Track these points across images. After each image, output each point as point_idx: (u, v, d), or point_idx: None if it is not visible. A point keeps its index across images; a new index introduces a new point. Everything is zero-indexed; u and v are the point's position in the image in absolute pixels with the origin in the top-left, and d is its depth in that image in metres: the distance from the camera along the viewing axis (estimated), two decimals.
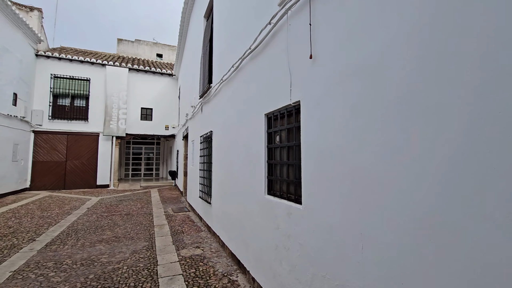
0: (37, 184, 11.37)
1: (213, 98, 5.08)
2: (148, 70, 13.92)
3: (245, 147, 3.39)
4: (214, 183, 4.83)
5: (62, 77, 12.14)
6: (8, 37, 9.40)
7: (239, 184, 3.57)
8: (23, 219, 6.16)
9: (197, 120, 6.86)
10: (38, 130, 11.55)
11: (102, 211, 7.14)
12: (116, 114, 12.58)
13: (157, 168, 18.35)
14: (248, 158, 3.28)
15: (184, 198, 9.50)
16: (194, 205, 6.86)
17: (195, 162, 6.83)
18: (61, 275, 3.31)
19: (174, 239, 4.75)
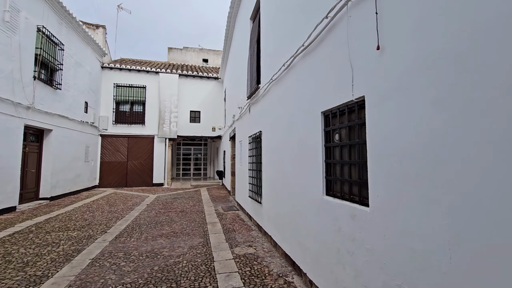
0: (104, 182, 12.77)
1: (262, 99, 5.11)
2: (195, 75, 14.66)
3: (298, 147, 3.32)
4: (264, 183, 4.85)
5: (123, 86, 13.44)
6: (80, 53, 10.73)
7: (292, 184, 3.52)
8: (96, 213, 6.94)
9: (244, 121, 6.98)
10: (104, 134, 12.96)
11: (159, 208, 7.70)
12: (169, 117, 13.49)
13: (205, 168, 19.22)
14: (301, 158, 3.21)
15: (232, 197, 9.76)
16: (243, 204, 6.99)
17: (243, 162, 6.96)
18: (130, 265, 3.63)
19: (226, 237, 4.89)
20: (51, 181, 8.74)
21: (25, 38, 7.35)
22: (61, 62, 9.13)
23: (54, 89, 8.87)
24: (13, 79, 6.90)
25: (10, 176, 6.88)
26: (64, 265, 3.62)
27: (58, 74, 9.08)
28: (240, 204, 7.56)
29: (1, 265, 3.58)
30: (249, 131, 6.24)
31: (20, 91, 7.16)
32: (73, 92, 10.16)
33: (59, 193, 9.23)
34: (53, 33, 8.69)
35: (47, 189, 8.63)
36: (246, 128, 6.70)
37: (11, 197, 6.91)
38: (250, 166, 5.99)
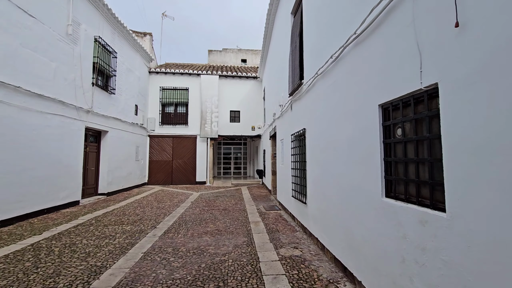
0: (152, 180, 13.61)
1: (305, 95, 4.90)
2: (235, 75, 14.86)
3: (348, 144, 3.08)
4: (309, 183, 4.65)
5: (168, 89, 14.19)
6: (131, 60, 11.56)
7: (341, 184, 3.28)
8: (146, 209, 7.38)
9: (286, 119, 6.82)
10: (152, 135, 13.81)
11: (203, 205, 7.92)
12: (210, 117, 13.88)
13: (244, 167, 19.45)
14: (353, 156, 2.96)
15: (273, 196, 9.66)
16: (285, 204, 6.84)
17: (285, 161, 6.80)
18: (179, 261, 3.72)
19: (270, 237, 4.79)
20: (108, 178, 9.54)
21: (84, 48, 8.11)
22: (114, 69, 9.92)
23: (109, 94, 9.67)
24: (75, 86, 7.65)
25: (74, 173, 7.64)
26: (120, 257, 3.85)
27: (112, 80, 9.87)
28: (282, 203, 7.42)
29: (67, 254, 3.93)
30: (291, 129, 6.07)
31: (81, 96, 7.92)
32: (125, 96, 10.98)
33: (114, 189, 10.04)
34: (108, 42, 9.47)
35: (104, 186, 9.44)
36: (287, 126, 6.54)
37: (75, 192, 7.68)
38: (293, 165, 5.82)
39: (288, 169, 6.33)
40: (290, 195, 6.07)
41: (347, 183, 3.12)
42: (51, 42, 6.66)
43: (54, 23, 6.78)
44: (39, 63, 6.28)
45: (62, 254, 3.91)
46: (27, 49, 5.92)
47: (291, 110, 6.13)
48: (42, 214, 6.36)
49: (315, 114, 4.33)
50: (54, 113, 6.79)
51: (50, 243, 4.40)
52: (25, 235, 4.85)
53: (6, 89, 5.38)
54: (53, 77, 6.75)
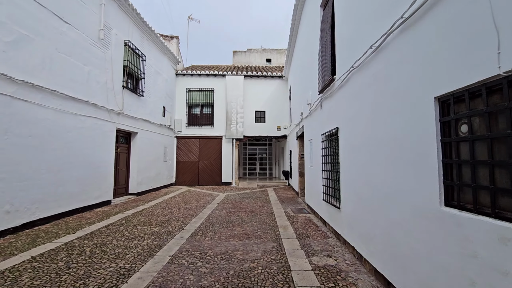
0: (179, 180, 13.83)
1: (338, 91, 4.56)
2: (260, 75, 14.69)
3: (392, 144, 2.73)
4: (343, 186, 4.30)
5: (194, 90, 14.36)
6: (159, 62, 11.82)
7: (382, 188, 2.93)
8: (173, 210, 7.41)
9: (315, 118, 6.49)
10: (179, 136, 14.04)
11: (229, 207, 7.80)
12: (235, 118, 13.82)
13: (270, 168, 19.21)
14: (398, 157, 2.61)
15: (301, 199, 9.33)
16: (315, 208, 6.51)
17: (315, 162, 6.47)
18: (206, 266, 3.57)
19: (301, 243, 4.50)
20: (137, 179, 9.79)
21: (115, 52, 8.36)
22: (143, 72, 10.17)
23: (138, 96, 9.92)
24: (107, 89, 7.90)
25: (106, 173, 7.89)
26: (148, 259, 3.79)
27: (141, 83, 10.13)
28: (311, 206, 7.08)
29: (98, 254, 3.95)
30: (321, 129, 5.73)
31: (112, 99, 8.16)
32: (153, 98, 11.23)
33: (144, 189, 10.29)
34: (137, 46, 9.72)
35: (134, 186, 9.70)
36: (317, 126, 6.21)
37: (107, 192, 7.93)
38: (323, 166, 5.48)
39: (318, 171, 6.00)
40: (320, 198, 5.74)
41: (390, 187, 2.77)
42: (84, 47, 6.91)
43: (87, 28, 7.03)
44: (73, 67, 6.53)
45: (93, 255, 3.94)
46: (62, 54, 6.16)
47: (321, 109, 5.79)
48: (76, 213, 6.60)
49: (350, 112, 3.99)
50: (87, 115, 7.03)
51: (83, 243, 4.47)
52: (60, 233, 5.01)
53: (43, 92, 5.63)
54: (86, 81, 7.00)
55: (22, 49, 5.17)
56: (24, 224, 5.15)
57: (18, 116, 5.04)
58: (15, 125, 4.99)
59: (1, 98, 4.72)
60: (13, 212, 4.91)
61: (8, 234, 4.80)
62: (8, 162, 4.84)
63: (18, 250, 4.10)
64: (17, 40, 5.06)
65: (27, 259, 3.75)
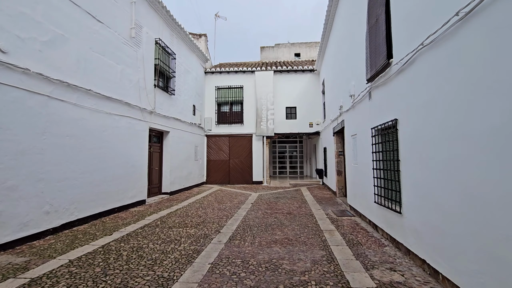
0: (210, 179, 13.72)
1: (396, 77, 3.91)
2: (290, 70, 14.09)
3: (492, 135, 2.10)
4: (406, 187, 3.66)
5: (223, 88, 14.14)
6: (188, 61, 11.72)
7: (478, 192, 2.30)
8: (207, 210, 7.15)
9: (360, 111, 5.83)
10: (209, 134, 13.92)
11: (265, 208, 7.37)
12: (265, 115, 13.38)
13: (301, 166, 18.55)
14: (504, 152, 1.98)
15: (340, 199, 8.65)
16: (361, 210, 5.86)
17: (361, 160, 5.81)
18: (251, 277, 3.16)
19: (354, 252, 3.94)
20: (170, 178, 9.72)
21: (146, 50, 8.28)
22: (174, 70, 10.08)
23: (170, 95, 9.84)
24: (139, 88, 7.84)
25: (140, 173, 7.84)
26: (187, 267, 3.46)
27: (172, 81, 10.04)
28: (355, 208, 6.43)
29: (135, 260, 3.71)
30: (370, 122, 5.08)
31: (145, 98, 8.10)
32: (184, 96, 11.14)
33: (176, 188, 10.22)
34: (167, 44, 9.63)
35: (167, 185, 9.64)
36: (364, 119, 5.55)
37: (141, 191, 7.88)
38: (375, 164, 4.83)
39: (366, 169, 5.35)
40: (370, 200, 5.09)
41: (491, 190, 2.13)
42: (116, 45, 6.85)
43: (119, 27, 6.97)
44: (106, 66, 6.48)
45: (130, 260, 3.70)
46: (96, 53, 6.11)
47: (369, 99, 5.14)
48: (112, 213, 6.57)
49: (416, 99, 3.35)
50: (121, 114, 6.98)
51: (119, 246, 4.29)
52: (97, 235, 4.90)
53: (79, 92, 5.59)
54: (119, 80, 6.95)
55: (58, 48, 5.13)
56: (63, 224, 5.12)
57: (55, 116, 5.00)
58: (53, 125, 4.95)
59: (39, 98, 4.69)
60: (52, 212, 4.89)
61: (48, 235, 4.78)
62: (47, 163, 4.82)
63: (57, 253, 3.99)
64: (53, 40, 5.02)
65: (65, 263, 3.60)
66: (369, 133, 5.05)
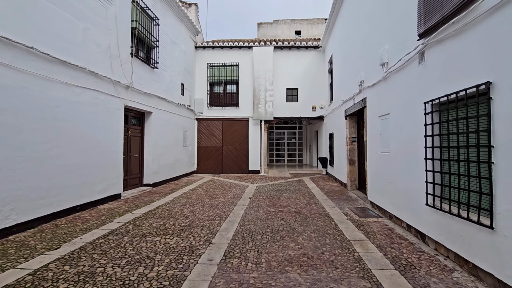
0: (201, 168, 12.30)
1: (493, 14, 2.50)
2: (292, 46, 12.51)
3: None
4: (508, 189, 2.31)
5: (216, 66, 12.50)
6: (175, 30, 10.00)
7: None
8: (196, 207, 5.76)
9: (401, 81, 4.43)
10: (200, 118, 12.38)
11: (266, 204, 6.04)
12: (264, 96, 11.89)
13: (300, 154, 17.28)
14: None
15: (352, 193, 7.38)
16: (395, 211, 4.57)
17: (397, 146, 4.47)
18: None
19: (412, 284, 2.63)
20: (153, 167, 8.26)
21: (121, 9, 6.61)
22: (157, 39, 8.41)
23: (152, 68, 8.23)
24: (111, 55, 6.22)
25: (113, 161, 6.35)
26: None
27: (155, 52, 8.40)
28: (380, 206, 5.16)
29: None
30: (422, 94, 3.69)
31: (118, 68, 6.50)
32: (170, 72, 9.52)
33: (161, 179, 8.78)
34: (148, 5, 7.92)
35: (149, 175, 8.19)
36: (407, 92, 4.17)
37: (115, 184, 6.42)
38: (430, 153, 3.46)
39: (410, 158, 4.01)
40: (418, 201, 3.76)
41: None
42: None
43: None
44: (61, 20, 4.85)
45: None
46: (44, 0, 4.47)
47: (419, 63, 3.73)
48: (73, 212, 5.12)
49: None
50: (84, 86, 5.41)
51: (61, 270, 2.88)
52: (37, 248, 3.47)
53: (15, 49, 4.00)
54: (81, 41, 5.33)
55: None
56: None
57: None
58: None
59: None
60: None
61: None
62: None
63: None
64: None
65: None
66: (420, 110, 3.66)
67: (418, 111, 3.72)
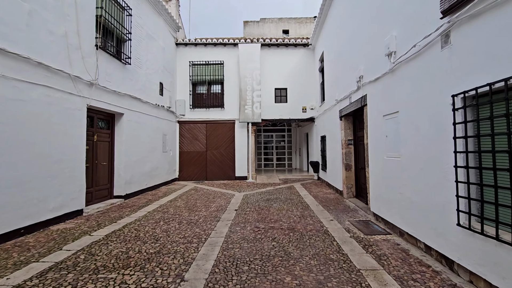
0: (184, 175, 11.31)
1: None
2: (280, 43, 11.80)
3: None
4: None
5: (199, 64, 11.61)
6: (152, 24, 9.06)
7: None
8: (171, 225, 4.84)
9: (415, 72, 3.73)
10: (182, 120, 11.42)
11: (254, 219, 5.20)
12: (251, 97, 11.08)
13: (289, 158, 16.55)
14: None
15: (349, 201, 6.65)
16: (408, 227, 3.83)
17: (411, 150, 3.75)
18: None
19: None
20: (125, 176, 7.25)
21: None
22: (129, 31, 7.45)
23: (124, 64, 7.26)
24: (68, 45, 5.25)
25: (72, 171, 5.34)
26: None
27: (127, 46, 7.44)
28: (389, 221, 4.42)
29: None
30: (448, 86, 2.97)
31: (79, 61, 5.52)
32: (146, 70, 8.55)
33: (135, 189, 7.76)
34: None
35: (121, 186, 7.17)
36: (426, 84, 3.46)
37: (75, 198, 5.40)
38: (463, 159, 2.73)
39: (430, 165, 3.29)
40: (445, 219, 3.02)
41: None
42: None
43: None
44: None
45: None
46: None
47: (442, 48, 3.03)
48: (15, 236, 4.09)
49: None
50: (31, 81, 4.42)
51: None
52: None
53: None
54: (26, 25, 4.36)
55: None
56: None
57: None
58: None
59: None
60: None
61: None
62: None
63: None
64: None
65: None
66: (444, 105, 2.94)
67: (441, 107, 3.00)
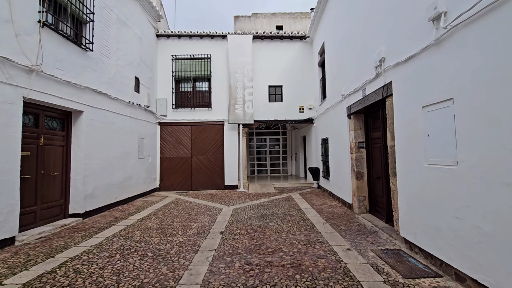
0: (166, 184, 9.88)
1: None
2: (274, 36, 10.59)
3: None
4: None
5: (182, 58, 10.28)
6: (124, 7, 7.70)
7: None
8: (129, 262, 3.46)
9: (485, 39, 2.50)
10: (163, 122, 10.03)
11: (245, 248, 3.86)
12: (242, 95, 9.79)
13: (284, 164, 15.26)
14: None
15: (362, 217, 5.37)
16: (468, 271, 2.57)
17: (476, 156, 2.51)
18: None
19: None
20: (84, 189, 5.81)
21: None
22: (91, 10, 6.09)
23: (84, 51, 5.88)
24: None
25: None
26: None
27: (88, 29, 6.06)
28: (435, 255, 3.15)
29: None
30: None
31: (10, 39, 4.14)
32: (116, 60, 7.17)
33: (99, 204, 6.31)
34: None
35: (78, 201, 5.72)
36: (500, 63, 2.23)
37: (2, 222, 3.96)
38: None
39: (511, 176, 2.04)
40: None
41: None
42: None
43: None
44: None
45: None
46: None
47: None
48: None
49: None
50: None
51: None
52: None
53: None
54: None
55: None
56: None
57: None
58: None
59: None
60: None
61: None
62: None
63: None
64: None
65: None
66: None
67: None
